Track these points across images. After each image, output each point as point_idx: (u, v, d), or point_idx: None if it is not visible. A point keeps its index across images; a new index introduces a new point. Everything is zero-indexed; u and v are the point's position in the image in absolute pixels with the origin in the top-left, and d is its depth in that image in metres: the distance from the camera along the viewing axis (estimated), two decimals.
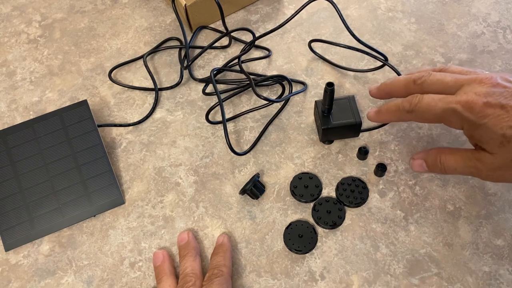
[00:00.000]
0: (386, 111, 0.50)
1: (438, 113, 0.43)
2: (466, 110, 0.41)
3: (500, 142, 0.40)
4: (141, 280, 0.51)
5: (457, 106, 0.42)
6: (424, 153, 0.49)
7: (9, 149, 0.57)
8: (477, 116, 0.41)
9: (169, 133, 0.61)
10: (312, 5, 0.69)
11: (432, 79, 0.46)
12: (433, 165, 0.48)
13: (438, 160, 0.47)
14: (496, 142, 0.41)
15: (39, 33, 0.72)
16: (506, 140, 0.40)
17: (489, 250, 0.50)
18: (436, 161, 0.47)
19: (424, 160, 0.49)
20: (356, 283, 0.50)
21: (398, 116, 0.48)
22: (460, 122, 0.43)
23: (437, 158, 0.47)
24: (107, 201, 0.56)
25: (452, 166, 0.46)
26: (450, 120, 0.43)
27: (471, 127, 0.42)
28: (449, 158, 0.46)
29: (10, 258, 0.54)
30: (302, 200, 0.54)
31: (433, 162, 0.48)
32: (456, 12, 0.69)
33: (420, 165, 0.49)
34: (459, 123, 0.43)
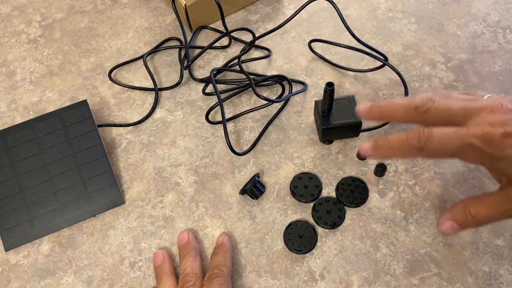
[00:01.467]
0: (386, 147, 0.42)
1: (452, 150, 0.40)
2: (485, 144, 0.38)
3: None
4: (141, 280, 0.51)
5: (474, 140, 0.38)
6: (450, 213, 0.44)
7: (9, 149, 0.57)
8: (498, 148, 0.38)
9: (169, 133, 0.61)
10: (312, 5, 0.69)
11: (438, 107, 0.41)
12: (465, 222, 0.43)
13: (468, 216, 0.42)
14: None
15: (39, 33, 0.72)
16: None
17: (489, 250, 0.50)
18: (467, 217, 0.42)
19: (453, 220, 0.43)
20: (356, 283, 0.50)
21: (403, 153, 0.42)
22: (479, 156, 0.39)
23: (466, 213, 0.42)
24: (107, 201, 0.56)
25: (487, 216, 0.41)
26: (467, 155, 0.40)
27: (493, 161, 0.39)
28: (480, 209, 0.41)
29: (10, 258, 0.54)
30: (302, 200, 0.54)
31: (464, 219, 0.42)
32: (456, 12, 0.69)
33: (451, 227, 0.43)
34: (478, 157, 0.40)
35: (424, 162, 0.56)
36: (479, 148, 0.38)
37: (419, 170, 0.56)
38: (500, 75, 0.62)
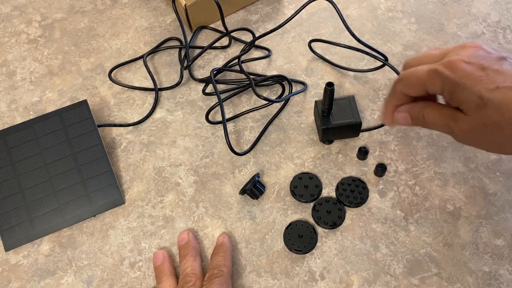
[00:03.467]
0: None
1: (423, 77, 0.42)
2: (446, 69, 0.40)
3: (476, 104, 0.39)
4: (141, 280, 0.51)
5: (439, 66, 0.41)
6: (409, 106, 0.47)
7: (9, 149, 0.57)
8: (457, 75, 0.40)
9: (169, 133, 0.61)
10: (312, 5, 0.69)
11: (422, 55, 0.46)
12: (416, 118, 0.46)
13: (421, 114, 0.45)
14: (472, 104, 0.40)
15: (39, 33, 0.72)
16: (482, 103, 0.39)
17: (489, 250, 0.50)
18: (419, 114, 0.45)
19: (409, 112, 0.46)
20: (356, 283, 0.50)
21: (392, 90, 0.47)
22: (441, 83, 0.41)
23: (421, 111, 0.45)
24: (107, 201, 0.56)
25: (431, 121, 0.45)
26: (432, 82, 0.42)
27: (451, 87, 0.41)
28: (430, 113, 0.45)
29: (10, 258, 0.54)
30: (302, 200, 0.54)
31: (416, 115, 0.46)
32: (456, 12, 0.69)
33: (405, 118, 0.47)
34: (440, 84, 0.41)
35: (424, 162, 0.56)
36: (441, 73, 0.40)
37: (419, 170, 0.56)
38: None
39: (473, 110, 0.40)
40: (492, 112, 0.38)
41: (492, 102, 0.38)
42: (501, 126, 0.39)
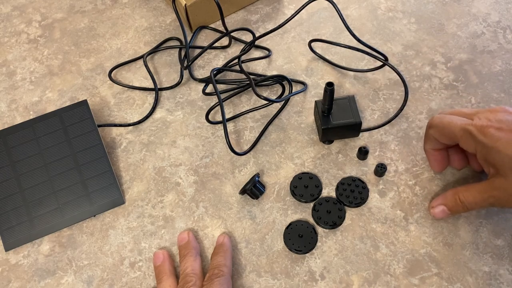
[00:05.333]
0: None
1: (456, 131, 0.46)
2: (479, 133, 0.44)
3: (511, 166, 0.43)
4: (141, 280, 0.51)
5: (472, 128, 0.45)
6: (441, 199, 0.50)
7: (9, 149, 0.57)
8: (490, 139, 0.43)
9: (169, 133, 0.61)
10: (312, 5, 0.69)
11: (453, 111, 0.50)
12: (454, 207, 0.49)
13: (458, 201, 0.48)
14: (508, 166, 0.43)
15: (39, 33, 0.72)
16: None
17: (489, 250, 0.50)
18: (456, 202, 0.48)
19: (444, 205, 0.50)
20: (356, 283, 0.50)
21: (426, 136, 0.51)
22: (474, 144, 0.45)
23: (456, 199, 0.48)
24: (107, 201, 0.56)
25: (473, 202, 0.47)
26: (465, 141, 0.46)
27: (484, 150, 0.44)
28: (467, 196, 0.48)
29: (10, 258, 0.54)
30: (302, 200, 0.54)
31: (453, 204, 0.49)
32: (456, 12, 0.69)
33: (442, 211, 0.50)
34: (473, 145, 0.45)
35: (424, 162, 0.56)
36: (475, 136, 0.44)
37: (419, 170, 0.56)
38: (500, 75, 0.62)
39: (509, 171, 0.43)
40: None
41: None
42: None
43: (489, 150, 0.44)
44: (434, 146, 0.51)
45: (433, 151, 0.52)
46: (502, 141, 0.43)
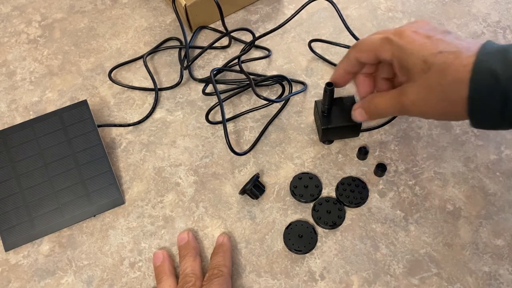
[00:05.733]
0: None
1: (376, 41, 0.46)
2: (396, 36, 0.44)
3: (421, 68, 0.42)
4: (141, 280, 0.51)
5: (390, 34, 0.45)
6: (362, 102, 0.50)
7: (9, 149, 0.57)
8: (405, 41, 0.43)
9: (169, 133, 0.61)
10: (312, 5, 0.69)
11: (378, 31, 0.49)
12: (370, 111, 0.49)
13: (372, 105, 0.48)
14: (418, 69, 0.42)
15: (39, 33, 0.72)
16: (426, 67, 0.41)
17: (489, 250, 0.50)
18: (371, 107, 0.49)
19: (362, 108, 0.50)
20: (356, 283, 0.50)
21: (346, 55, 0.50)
22: (391, 49, 0.44)
23: (371, 103, 0.48)
24: (107, 201, 0.56)
25: (384, 107, 0.47)
26: (383, 48, 0.45)
27: (399, 52, 0.44)
28: (380, 101, 0.48)
29: (10, 258, 0.54)
30: (302, 200, 0.54)
31: (369, 108, 0.49)
32: (456, 12, 0.69)
33: (360, 114, 0.50)
34: (390, 50, 0.44)
35: (424, 162, 0.56)
36: (391, 40, 0.44)
37: (419, 170, 0.56)
38: None
39: (419, 75, 0.42)
40: (435, 75, 0.41)
41: (434, 65, 0.41)
42: (444, 88, 0.41)
43: (404, 52, 0.43)
44: (349, 67, 0.50)
45: (343, 72, 0.51)
46: (416, 43, 0.43)
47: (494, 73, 0.38)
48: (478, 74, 0.39)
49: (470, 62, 0.39)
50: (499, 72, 0.38)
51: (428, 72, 0.41)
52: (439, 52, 0.41)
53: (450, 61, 0.40)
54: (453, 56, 0.40)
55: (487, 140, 0.57)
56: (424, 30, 0.44)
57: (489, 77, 0.38)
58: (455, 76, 0.40)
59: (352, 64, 0.49)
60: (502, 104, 0.39)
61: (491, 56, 0.39)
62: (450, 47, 0.41)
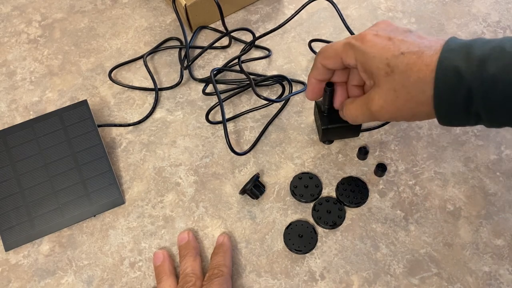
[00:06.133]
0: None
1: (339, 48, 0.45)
2: (358, 41, 0.44)
3: (385, 72, 0.41)
4: (141, 280, 0.51)
5: (352, 40, 0.44)
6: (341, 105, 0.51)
7: (9, 149, 0.57)
8: (367, 45, 0.43)
9: (169, 133, 0.61)
10: (312, 5, 0.69)
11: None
12: (347, 117, 0.49)
13: (347, 111, 0.49)
14: (382, 72, 0.42)
15: (39, 33, 0.72)
16: (390, 69, 0.41)
17: (489, 250, 0.50)
18: (346, 112, 0.49)
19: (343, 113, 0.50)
20: (356, 283, 0.50)
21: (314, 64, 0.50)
22: (354, 54, 0.44)
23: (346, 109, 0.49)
24: (107, 201, 0.56)
25: (354, 115, 0.48)
26: (346, 53, 0.45)
27: (362, 57, 0.43)
28: (350, 108, 0.48)
29: (10, 258, 0.54)
30: (302, 200, 0.54)
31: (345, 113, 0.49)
32: (456, 12, 0.69)
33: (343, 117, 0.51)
34: (353, 55, 0.44)
35: (424, 162, 0.56)
36: (353, 45, 0.44)
37: (419, 170, 0.56)
38: None
39: (383, 78, 0.42)
40: (399, 77, 0.41)
41: (398, 67, 0.41)
42: (409, 89, 0.41)
43: (366, 56, 0.43)
44: (318, 75, 0.50)
45: (315, 82, 0.50)
46: (378, 46, 0.42)
47: (457, 70, 0.38)
48: (441, 73, 0.39)
49: (433, 61, 0.39)
50: (462, 68, 0.38)
51: (392, 75, 0.41)
52: (401, 53, 0.41)
53: (413, 62, 0.40)
54: (416, 56, 0.40)
55: (487, 140, 0.57)
56: (386, 32, 0.43)
57: (452, 75, 0.38)
58: (419, 76, 0.40)
59: (320, 72, 0.49)
60: (466, 100, 0.38)
61: (454, 53, 0.39)
62: (412, 47, 0.41)
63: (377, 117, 0.45)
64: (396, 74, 0.41)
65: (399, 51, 0.41)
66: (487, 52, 0.38)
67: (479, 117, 0.39)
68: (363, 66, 0.44)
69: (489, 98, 0.38)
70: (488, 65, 0.37)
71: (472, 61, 0.38)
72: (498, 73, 0.37)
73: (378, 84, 0.43)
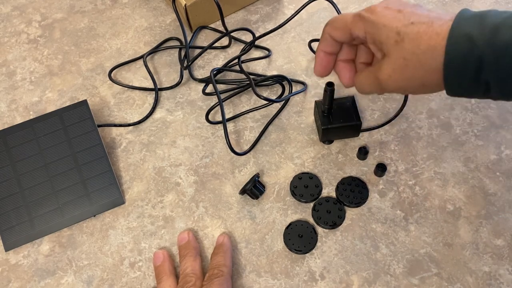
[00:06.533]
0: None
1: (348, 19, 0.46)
2: (368, 12, 0.44)
3: (395, 40, 0.41)
4: (141, 280, 0.51)
5: (362, 11, 0.45)
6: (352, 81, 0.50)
7: (9, 149, 0.57)
8: (377, 16, 0.43)
9: (169, 133, 0.61)
10: (312, 5, 0.69)
11: None
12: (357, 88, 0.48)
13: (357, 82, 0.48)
14: (391, 41, 0.42)
15: (39, 33, 0.72)
16: (399, 38, 0.41)
17: (489, 250, 0.50)
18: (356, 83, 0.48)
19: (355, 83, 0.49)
20: (356, 283, 0.50)
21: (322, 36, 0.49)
22: (363, 25, 0.44)
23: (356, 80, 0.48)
24: (107, 201, 0.56)
25: (365, 85, 0.47)
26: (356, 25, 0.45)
27: (371, 28, 0.43)
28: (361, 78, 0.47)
29: (10, 258, 0.54)
30: (302, 200, 0.54)
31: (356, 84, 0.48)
32: (456, 12, 0.68)
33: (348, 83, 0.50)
34: (363, 27, 0.44)
35: (424, 162, 0.56)
36: (363, 16, 0.44)
37: (419, 170, 0.56)
38: None
39: (392, 47, 0.42)
40: (409, 45, 0.41)
41: (408, 35, 0.41)
42: (419, 57, 0.41)
43: (376, 26, 0.43)
44: (326, 47, 0.49)
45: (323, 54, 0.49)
46: (388, 17, 0.42)
47: (470, 37, 0.38)
48: (453, 39, 0.39)
49: (443, 30, 0.39)
50: (474, 35, 0.38)
51: (401, 43, 0.41)
52: (411, 23, 0.41)
53: (423, 30, 0.40)
54: (426, 26, 0.40)
55: (487, 140, 0.57)
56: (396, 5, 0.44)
57: (465, 41, 0.38)
58: (429, 44, 0.40)
59: (328, 43, 0.49)
60: (477, 68, 0.38)
61: (466, 21, 0.39)
62: (422, 18, 0.41)
63: (384, 87, 0.45)
64: (406, 42, 0.41)
65: (409, 21, 0.41)
66: (501, 20, 0.38)
67: (488, 87, 0.39)
68: (372, 36, 0.44)
69: (500, 66, 0.37)
70: (501, 33, 0.37)
71: (485, 29, 0.38)
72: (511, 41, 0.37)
73: (388, 53, 0.43)
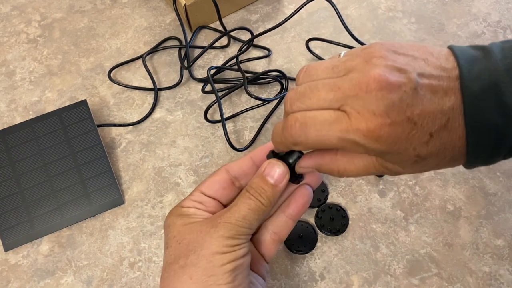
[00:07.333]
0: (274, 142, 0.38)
1: (333, 143, 0.33)
2: (371, 141, 0.31)
3: (414, 161, 0.33)
4: (141, 280, 0.51)
5: (357, 137, 0.32)
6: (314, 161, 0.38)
7: (9, 149, 0.57)
8: (387, 144, 0.32)
9: (169, 133, 0.61)
10: (312, 5, 0.69)
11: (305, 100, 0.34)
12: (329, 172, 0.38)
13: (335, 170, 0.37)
14: (409, 163, 0.34)
15: (38, 33, 0.72)
16: (420, 159, 0.33)
17: (489, 250, 0.50)
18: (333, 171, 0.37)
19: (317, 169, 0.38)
20: (356, 283, 0.49)
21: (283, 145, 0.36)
22: (365, 151, 0.33)
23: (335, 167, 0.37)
24: (107, 201, 0.56)
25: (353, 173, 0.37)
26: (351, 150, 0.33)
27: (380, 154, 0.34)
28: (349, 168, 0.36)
29: (10, 258, 0.54)
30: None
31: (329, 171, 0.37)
32: (456, 12, 0.69)
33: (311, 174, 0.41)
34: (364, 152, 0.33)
35: None
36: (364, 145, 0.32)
37: None
38: None
39: (409, 166, 0.34)
40: (432, 161, 0.34)
41: (431, 154, 0.33)
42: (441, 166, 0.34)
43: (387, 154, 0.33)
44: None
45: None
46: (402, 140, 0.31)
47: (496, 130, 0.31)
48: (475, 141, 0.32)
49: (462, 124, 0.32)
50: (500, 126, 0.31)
51: (423, 161, 0.33)
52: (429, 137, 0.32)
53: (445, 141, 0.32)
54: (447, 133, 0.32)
55: None
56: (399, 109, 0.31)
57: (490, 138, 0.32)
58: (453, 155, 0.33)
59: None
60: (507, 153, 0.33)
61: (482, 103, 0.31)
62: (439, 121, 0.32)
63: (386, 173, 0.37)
64: (428, 160, 0.33)
65: (427, 135, 0.32)
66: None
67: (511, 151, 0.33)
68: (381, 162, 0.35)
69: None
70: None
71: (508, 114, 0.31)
72: None
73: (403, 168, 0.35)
